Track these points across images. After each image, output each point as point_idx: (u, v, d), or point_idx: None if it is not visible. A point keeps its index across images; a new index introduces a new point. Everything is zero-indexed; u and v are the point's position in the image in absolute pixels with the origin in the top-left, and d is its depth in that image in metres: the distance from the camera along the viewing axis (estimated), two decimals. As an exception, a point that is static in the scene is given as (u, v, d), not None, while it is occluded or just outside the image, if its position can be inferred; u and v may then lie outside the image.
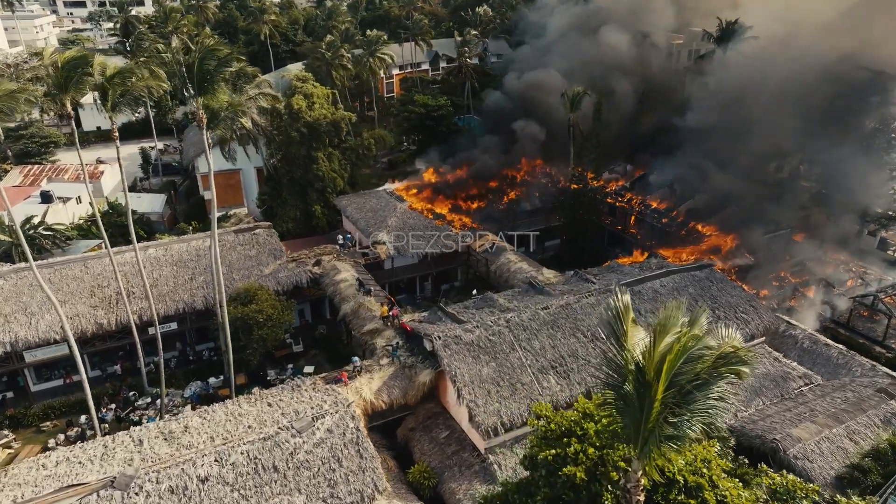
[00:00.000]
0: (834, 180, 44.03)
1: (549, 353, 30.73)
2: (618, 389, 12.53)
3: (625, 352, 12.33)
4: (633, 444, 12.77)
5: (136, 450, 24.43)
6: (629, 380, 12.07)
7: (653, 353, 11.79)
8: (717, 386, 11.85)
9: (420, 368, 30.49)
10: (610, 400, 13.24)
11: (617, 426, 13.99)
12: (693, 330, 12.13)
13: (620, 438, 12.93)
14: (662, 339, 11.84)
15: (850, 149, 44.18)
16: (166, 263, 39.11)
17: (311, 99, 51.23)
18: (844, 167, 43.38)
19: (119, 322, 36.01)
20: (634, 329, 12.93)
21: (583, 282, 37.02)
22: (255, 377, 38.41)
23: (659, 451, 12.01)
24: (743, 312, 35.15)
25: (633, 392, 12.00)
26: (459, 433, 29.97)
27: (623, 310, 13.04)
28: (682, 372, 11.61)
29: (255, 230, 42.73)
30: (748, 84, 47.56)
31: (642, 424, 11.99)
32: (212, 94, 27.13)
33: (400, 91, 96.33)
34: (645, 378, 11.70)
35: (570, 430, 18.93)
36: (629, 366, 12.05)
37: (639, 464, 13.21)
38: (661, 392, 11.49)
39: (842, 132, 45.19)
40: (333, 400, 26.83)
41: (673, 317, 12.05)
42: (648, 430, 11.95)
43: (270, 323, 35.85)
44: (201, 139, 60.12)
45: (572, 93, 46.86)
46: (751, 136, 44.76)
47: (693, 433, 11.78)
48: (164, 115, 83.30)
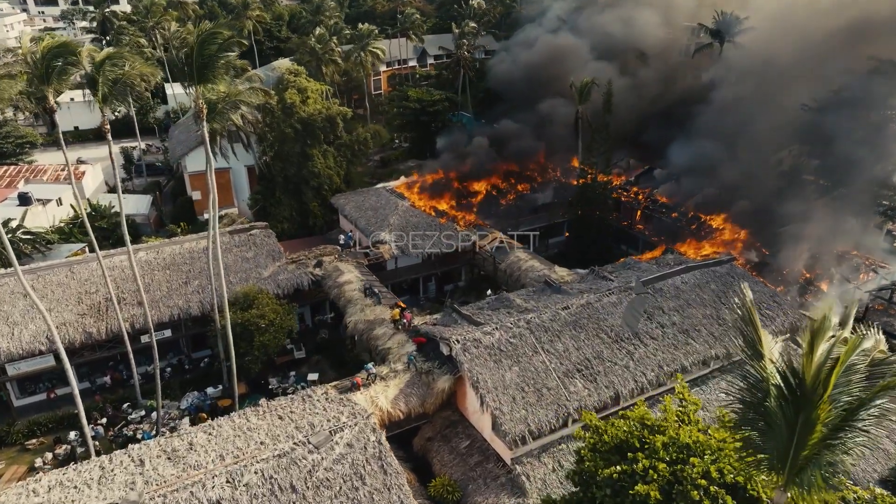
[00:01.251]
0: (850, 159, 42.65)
1: (574, 355, 29.09)
2: (756, 408, 10.79)
3: (763, 361, 10.63)
4: (776, 472, 11.01)
5: (137, 471, 22.27)
6: (772, 396, 10.35)
7: (810, 362, 10.09)
8: (880, 401, 10.12)
9: (438, 374, 28.67)
10: (743, 417, 11.23)
11: (750, 451, 11.82)
12: (847, 333, 10.45)
13: (759, 465, 11.21)
14: (819, 346, 10.13)
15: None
16: (158, 267, 36.80)
17: (306, 93, 49.13)
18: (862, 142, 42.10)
19: (110, 330, 33.69)
20: (764, 334, 11.24)
21: (600, 279, 35.48)
22: (255, 386, 36.29)
23: (823, 482, 10.20)
24: (767, 309, 33.86)
25: (779, 410, 10.29)
26: (481, 442, 28.21)
27: (750, 310, 11.29)
28: (842, 384, 9.95)
29: (252, 231, 40.56)
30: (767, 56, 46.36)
31: (793, 450, 10.27)
32: (212, 81, 24.97)
33: (388, 88, 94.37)
34: (801, 394, 9.99)
35: (626, 443, 17.31)
36: (772, 379, 10.34)
37: (784, 496, 11.28)
38: (824, 410, 9.79)
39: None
40: (350, 411, 24.89)
41: (827, 319, 10.31)
42: (804, 457, 10.23)
43: (272, 328, 33.83)
44: (188, 137, 58.00)
45: (581, 83, 45.27)
46: (768, 112, 43.44)
47: (851, 459, 10.10)
48: (145, 114, 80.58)
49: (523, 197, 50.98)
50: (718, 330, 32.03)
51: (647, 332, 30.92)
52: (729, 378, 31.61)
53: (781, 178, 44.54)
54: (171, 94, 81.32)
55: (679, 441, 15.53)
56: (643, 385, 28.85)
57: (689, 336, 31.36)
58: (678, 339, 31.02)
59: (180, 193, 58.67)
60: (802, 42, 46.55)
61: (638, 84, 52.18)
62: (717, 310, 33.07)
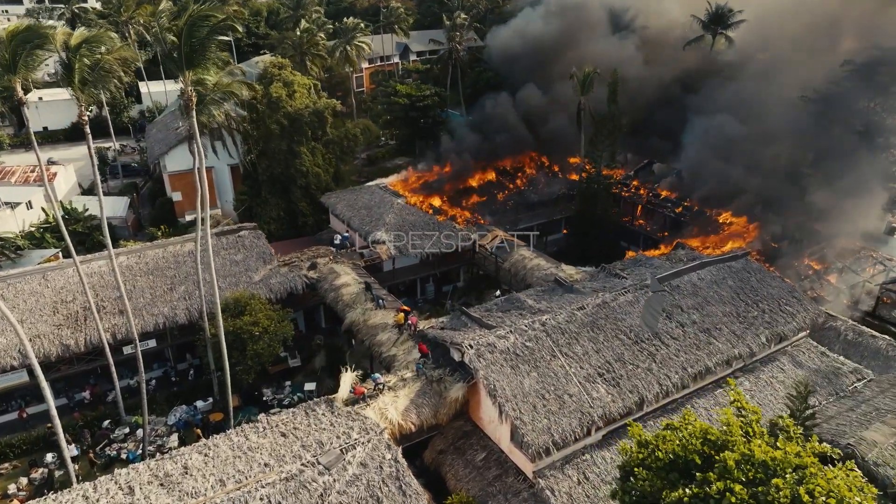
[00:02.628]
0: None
1: (594, 358, 27.32)
2: None
3: None
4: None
5: (126, 500, 19.95)
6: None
7: None
8: None
9: (450, 382, 26.67)
10: None
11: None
12: None
13: None
14: None
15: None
16: (141, 272, 34.27)
17: (292, 87, 46.75)
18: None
19: (89, 342, 31.11)
20: None
21: (612, 277, 33.83)
22: (248, 397, 34.00)
23: None
24: (787, 305, 32.49)
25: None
26: (498, 454, 26.30)
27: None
28: None
29: (240, 232, 38.18)
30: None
31: None
32: (203, 67, 22.66)
33: (370, 86, 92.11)
34: None
35: (682, 459, 15.53)
36: None
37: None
38: None
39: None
40: (361, 426, 22.83)
41: None
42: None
43: (266, 336, 31.55)
44: (167, 135, 55.16)
45: (583, 73, 43.50)
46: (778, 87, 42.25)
47: None
48: (119, 113, 77.28)
49: (521, 193, 49.16)
50: (740, 328, 30.55)
51: (668, 332, 29.30)
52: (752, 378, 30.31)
53: (790, 169, 43.41)
54: (145, 92, 78.27)
55: (754, 458, 13.76)
56: (668, 388, 27.21)
57: (710, 335, 29.81)
58: (700, 339, 29.45)
59: (159, 195, 55.83)
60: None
61: (651, 61, 49.96)
62: (737, 307, 31.60)
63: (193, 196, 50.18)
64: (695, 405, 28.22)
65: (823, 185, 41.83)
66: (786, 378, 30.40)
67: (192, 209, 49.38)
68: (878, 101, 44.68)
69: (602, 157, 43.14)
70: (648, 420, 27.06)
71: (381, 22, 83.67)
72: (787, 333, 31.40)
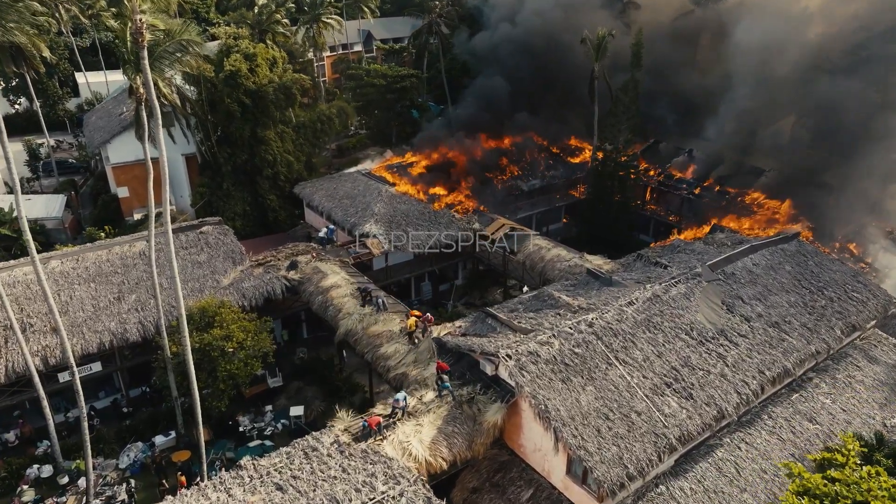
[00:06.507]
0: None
1: (657, 364, 22.27)
2: None
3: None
4: None
5: None
6: None
7: None
8: None
9: (485, 402, 21.18)
10: None
11: None
12: None
13: None
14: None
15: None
16: (79, 280, 27.61)
17: (255, 61, 40.34)
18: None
19: (12, 370, 24.38)
20: None
21: (652, 266, 28.95)
22: (220, 428, 27.80)
23: None
24: (854, 291, 28.15)
25: None
26: (549, 491, 20.98)
27: None
28: None
29: (202, 228, 31.79)
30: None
31: None
32: None
33: (332, 75, 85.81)
34: None
35: None
36: None
37: None
38: None
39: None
40: (385, 471, 17.11)
41: None
42: None
43: (242, 353, 25.44)
44: (109, 122, 47.83)
45: (597, 36, 38.17)
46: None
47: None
48: (53, 106, 68.89)
49: (521, 178, 43.90)
50: (811, 320, 26.00)
51: (734, 329, 24.50)
52: (828, 379, 25.79)
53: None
54: (83, 83, 70.13)
55: None
56: (748, 397, 22.35)
57: (780, 330, 25.15)
58: (770, 335, 24.76)
59: (102, 192, 48.53)
60: None
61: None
62: (802, 295, 27.08)
63: (142, 191, 43.14)
64: (772, 415, 23.47)
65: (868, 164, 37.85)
66: (864, 377, 25.99)
67: (141, 206, 42.44)
68: None
69: (621, 133, 38.10)
70: (725, 437, 22.22)
71: (341, 4, 77.30)
72: (860, 324, 27.03)
